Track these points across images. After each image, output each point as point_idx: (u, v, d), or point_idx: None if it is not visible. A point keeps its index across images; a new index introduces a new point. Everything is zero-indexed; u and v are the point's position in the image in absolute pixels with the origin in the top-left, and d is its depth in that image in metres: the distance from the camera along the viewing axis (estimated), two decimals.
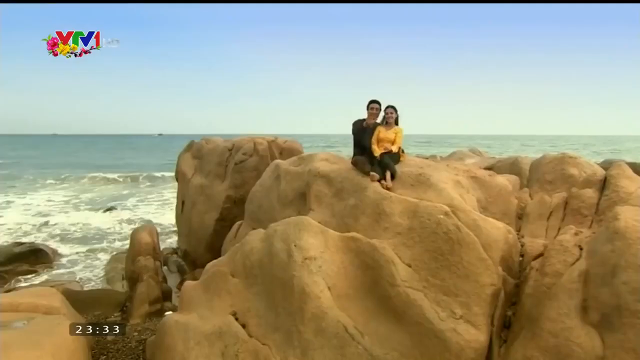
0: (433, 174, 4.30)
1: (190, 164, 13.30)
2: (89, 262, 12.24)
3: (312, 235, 4.06)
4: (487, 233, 3.40)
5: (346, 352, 3.32)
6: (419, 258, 3.46)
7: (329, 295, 3.62)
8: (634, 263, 2.45)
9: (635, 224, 2.61)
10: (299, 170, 5.93)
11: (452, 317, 3.06)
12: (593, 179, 3.85)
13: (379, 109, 5.21)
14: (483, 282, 3.15)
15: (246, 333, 4.17)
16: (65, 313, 5.51)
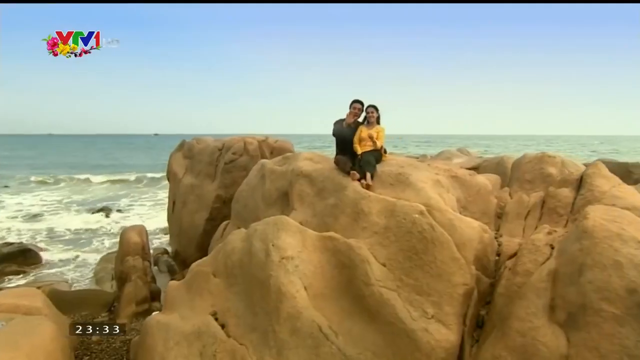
0: (412, 173, 4.29)
1: (181, 164, 13.25)
2: (79, 263, 12.17)
3: (290, 235, 4.05)
4: (462, 232, 3.40)
5: (320, 352, 3.30)
6: (394, 257, 3.46)
7: (304, 295, 3.61)
8: (600, 262, 2.45)
9: (603, 223, 2.61)
10: (283, 169, 5.92)
11: (424, 316, 3.05)
12: (569, 179, 3.85)
13: (360, 109, 5.20)
14: (455, 282, 3.15)
15: (225, 333, 4.16)
16: (47, 314, 5.47)
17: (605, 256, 2.45)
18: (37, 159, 48.04)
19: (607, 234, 2.54)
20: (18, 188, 25.50)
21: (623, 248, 2.45)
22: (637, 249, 2.43)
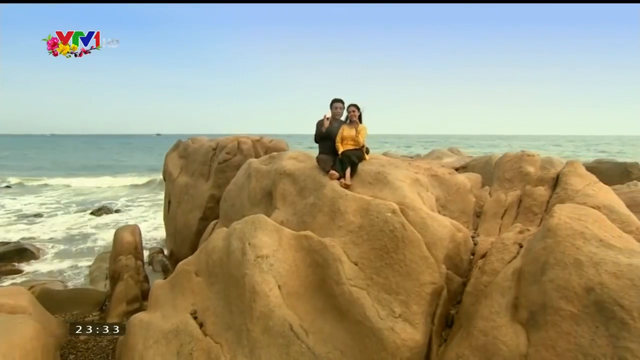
0: (391, 172, 4.28)
1: (176, 164, 13.30)
2: (75, 262, 12.24)
3: (266, 234, 4.05)
4: (434, 231, 3.38)
5: (290, 350, 3.30)
6: (365, 256, 3.45)
7: (278, 293, 3.60)
8: (562, 260, 2.43)
9: (568, 221, 2.59)
10: (268, 168, 5.93)
11: (391, 315, 3.04)
12: (546, 177, 3.83)
13: (342, 108, 5.20)
14: (423, 281, 3.13)
15: (202, 332, 4.16)
16: (32, 312, 5.49)
17: (566, 254, 2.43)
18: (35, 160, 48.04)
19: (570, 232, 2.51)
20: (16, 188, 25.66)
21: (585, 246, 2.43)
22: (599, 247, 2.40)
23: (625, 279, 2.17)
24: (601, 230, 2.53)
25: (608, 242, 2.42)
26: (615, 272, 2.22)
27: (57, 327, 6.23)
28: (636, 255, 2.32)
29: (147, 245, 13.01)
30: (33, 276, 10.89)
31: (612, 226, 2.65)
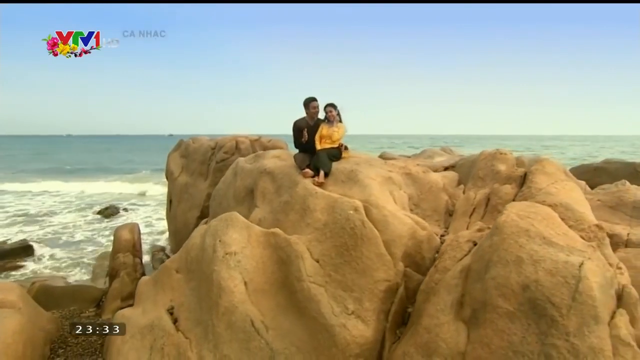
0: (363, 171, 4.29)
1: (178, 163, 13.50)
2: (79, 259, 12.49)
3: (237, 231, 4.10)
4: (393, 229, 3.38)
5: (250, 345, 3.34)
6: (327, 253, 3.47)
7: (242, 289, 3.65)
8: (504, 258, 2.41)
9: (515, 219, 2.56)
10: (251, 167, 5.98)
11: (344, 312, 3.06)
12: (513, 175, 3.79)
13: (318, 107, 5.21)
14: (377, 278, 3.14)
15: (175, 327, 4.23)
16: (21, 307, 5.63)
17: (509, 252, 2.41)
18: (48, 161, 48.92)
19: (514, 230, 2.49)
20: (28, 186, 26.27)
21: (527, 244, 2.41)
22: (541, 245, 2.38)
23: (560, 276, 2.15)
24: (547, 228, 2.51)
25: (551, 240, 2.39)
26: (551, 270, 2.20)
27: (47, 322, 6.39)
28: (576, 252, 2.29)
29: (156, 244, 13.31)
30: (36, 273, 11.16)
31: (561, 224, 2.62)
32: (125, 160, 48.81)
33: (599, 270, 2.19)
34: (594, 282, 2.10)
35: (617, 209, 5.55)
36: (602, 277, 2.18)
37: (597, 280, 2.13)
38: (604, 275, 2.20)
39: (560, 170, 3.58)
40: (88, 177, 31.44)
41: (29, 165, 41.85)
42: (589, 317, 2.02)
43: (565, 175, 3.59)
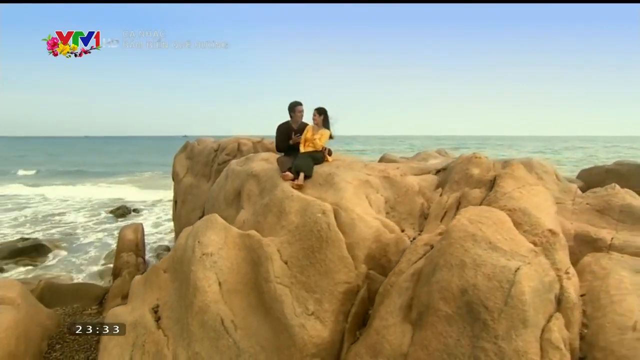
0: (340, 174, 4.36)
1: (183, 164, 13.78)
2: (88, 258, 12.87)
3: (215, 232, 4.22)
4: (359, 232, 3.45)
5: (219, 344, 3.45)
6: (295, 255, 3.55)
7: (216, 289, 3.76)
8: (449, 262, 2.45)
9: (464, 224, 2.60)
10: (240, 169, 6.11)
11: (305, 313, 3.14)
12: (484, 179, 3.80)
13: (302, 111, 5.33)
14: (338, 280, 3.21)
15: (156, 325, 4.38)
16: (20, 304, 5.87)
17: (454, 256, 2.45)
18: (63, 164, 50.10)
19: (462, 235, 2.53)
20: (43, 186, 27.08)
21: (472, 248, 2.45)
22: (485, 250, 2.41)
23: (496, 280, 2.19)
24: (495, 233, 2.54)
25: (496, 245, 2.43)
26: (489, 274, 2.24)
27: (47, 318, 6.63)
28: (517, 257, 2.32)
29: (163, 243, 13.66)
30: (46, 270, 11.53)
31: (510, 229, 2.65)
32: (139, 162, 49.74)
33: (536, 275, 2.22)
34: (527, 286, 2.13)
35: (604, 213, 5.48)
36: (539, 282, 2.21)
37: (532, 284, 2.16)
38: (541, 280, 2.23)
39: (529, 174, 3.57)
40: (102, 177, 32.23)
41: (44, 166, 43.14)
42: (518, 321, 2.05)
43: (536, 179, 3.59)
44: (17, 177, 33.86)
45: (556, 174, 6.35)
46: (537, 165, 6.40)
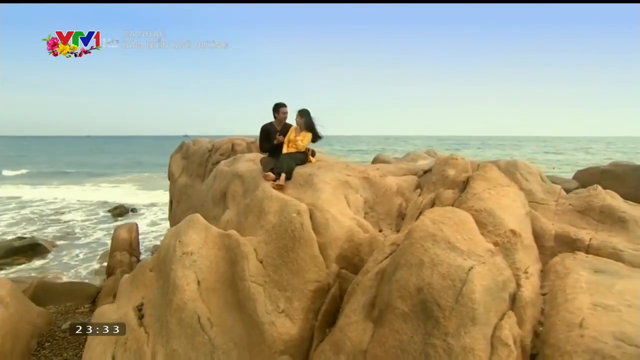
0: (319, 175, 4.43)
1: (179, 164, 13.87)
2: (84, 257, 12.99)
3: (196, 232, 4.30)
4: (332, 231, 3.52)
5: (195, 340, 3.53)
6: (270, 254, 3.62)
7: (194, 288, 3.84)
8: (409, 261, 2.52)
9: (426, 224, 2.66)
10: (227, 170, 6.18)
11: (276, 310, 3.21)
12: (457, 180, 3.87)
13: (286, 112, 5.40)
14: (308, 279, 3.28)
15: (139, 323, 4.45)
16: (9, 302, 5.97)
17: (414, 256, 2.52)
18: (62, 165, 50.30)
19: (423, 235, 2.60)
20: (40, 186, 27.24)
21: (432, 248, 2.51)
22: (444, 250, 2.48)
23: (449, 279, 2.26)
24: (455, 233, 2.60)
25: (455, 245, 2.49)
26: (444, 273, 2.30)
27: (37, 317, 6.73)
28: (473, 257, 2.39)
29: (158, 243, 13.73)
30: (42, 269, 11.65)
31: (472, 229, 2.71)
32: (139, 162, 49.88)
33: (489, 274, 2.28)
34: (479, 285, 2.19)
35: (585, 214, 5.54)
36: (492, 281, 2.27)
37: (484, 283, 2.22)
38: (494, 279, 2.29)
39: (503, 175, 3.63)
40: (102, 177, 32.36)
41: (43, 166, 43.36)
42: (468, 319, 2.12)
43: (508, 181, 3.65)
44: (15, 177, 34.04)
45: (541, 175, 6.40)
46: (521, 166, 6.45)
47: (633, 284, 2.48)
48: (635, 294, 2.36)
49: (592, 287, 2.43)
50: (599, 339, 1.98)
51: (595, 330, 2.05)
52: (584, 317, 2.14)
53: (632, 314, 2.17)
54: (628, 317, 2.14)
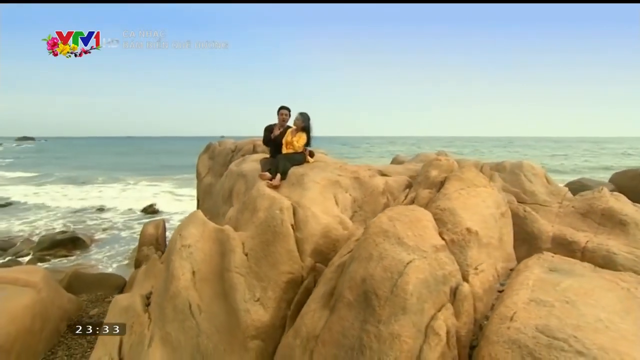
0: (310, 174, 4.68)
1: (205, 165, 14.55)
2: (119, 251, 13.90)
3: (195, 227, 4.67)
4: (310, 228, 3.75)
5: (184, 325, 3.87)
6: (254, 248, 3.91)
7: (189, 277, 4.19)
8: (362, 255, 2.70)
9: (383, 221, 2.83)
10: (235, 170, 6.56)
11: (252, 299, 3.48)
12: (435, 181, 3.97)
13: (288, 115, 5.67)
14: (282, 270, 3.52)
15: (144, 309, 4.88)
16: (42, 287, 6.62)
17: (366, 250, 2.70)
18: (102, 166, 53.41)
19: (376, 231, 2.77)
20: (84, 182, 29.15)
21: (382, 243, 2.68)
22: (393, 245, 2.64)
23: (389, 272, 2.43)
24: (407, 230, 2.75)
25: (403, 241, 2.65)
26: (386, 266, 2.47)
27: (68, 302, 7.39)
28: (417, 252, 2.54)
29: None
30: (80, 261, 12.63)
31: (425, 227, 2.84)
32: (176, 163, 52.01)
33: (428, 268, 2.43)
34: (414, 277, 2.35)
35: (587, 216, 5.45)
36: (430, 275, 2.42)
37: (421, 276, 2.37)
38: (433, 273, 2.43)
39: (480, 177, 3.70)
40: (140, 176, 34.12)
41: (88, 166, 46.24)
42: (399, 308, 2.28)
43: (485, 182, 3.71)
44: (61, 177, 36.52)
45: (546, 176, 6.32)
46: (526, 168, 6.41)
47: (580, 282, 2.54)
48: (577, 291, 2.43)
49: (537, 284, 2.51)
50: (521, 331, 2.09)
51: (522, 323, 2.15)
52: (516, 311, 2.25)
53: (565, 309, 2.25)
54: (559, 312, 2.22)
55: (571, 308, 2.27)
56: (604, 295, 2.40)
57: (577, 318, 2.18)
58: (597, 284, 2.51)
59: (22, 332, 5.36)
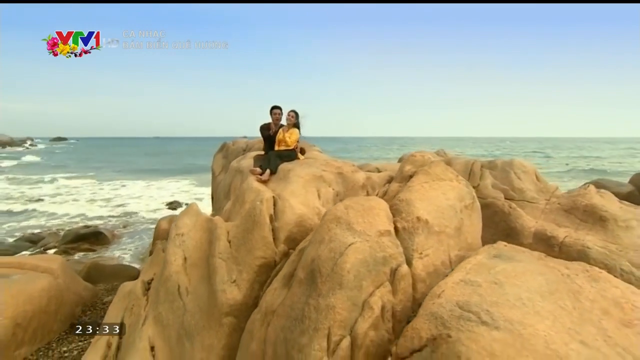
0: (296, 170, 4.99)
1: (219, 163, 15.10)
2: (138, 245, 14.61)
3: (188, 217, 5.06)
4: (285, 218, 4.06)
5: (173, 306, 4.25)
6: (237, 236, 4.25)
7: (180, 263, 4.58)
8: (316, 239, 2.97)
9: (338, 209, 3.10)
10: (235, 166, 6.94)
11: (229, 281, 3.82)
12: (404, 175, 4.19)
13: (280, 114, 6.00)
14: (256, 255, 3.85)
15: (143, 293, 5.31)
16: (59, 274, 7.20)
17: (320, 234, 2.98)
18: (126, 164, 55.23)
19: (331, 217, 3.05)
20: (111, 178, 30.44)
21: (334, 229, 2.95)
22: (343, 230, 2.91)
23: (333, 252, 2.70)
24: (358, 217, 3.01)
25: (353, 227, 2.91)
26: (332, 248, 2.75)
27: (84, 290, 7.98)
28: (362, 236, 2.80)
29: None
30: (101, 254, 13.40)
31: (376, 215, 3.08)
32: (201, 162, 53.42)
33: (368, 250, 2.69)
34: (354, 258, 2.62)
35: (570, 212, 5.53)
36: (370, 256, 2.68)
37: (360, 257, 2.64)
38: (372, 255, 2.69)
39: (448, 171, 3.90)
40: (164, 174, 35.34)
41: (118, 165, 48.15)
42: (336, 284, 2.55)
43: (452, 176, 3.91)
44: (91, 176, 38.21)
45: (536, 174, 6.41)
46: (517, 166, 6.51)
47: (515, 266, 2.73)
48: (508, 274, 2.62)
49: (474, 268, 2.73)
50: (442, 305, 2.33)
51: (446, 299, 2.39)
52: (445, 289, 2.48)
53: (491, 288, 2.47)
54: (483, 291, 2.44)
55: (497, 288, 2.48)
56: (533, 279, 2.59)
57: (499, 296, 2.39)
58: (530, 269, 2.69)
59: (37, 312, 5.90)
